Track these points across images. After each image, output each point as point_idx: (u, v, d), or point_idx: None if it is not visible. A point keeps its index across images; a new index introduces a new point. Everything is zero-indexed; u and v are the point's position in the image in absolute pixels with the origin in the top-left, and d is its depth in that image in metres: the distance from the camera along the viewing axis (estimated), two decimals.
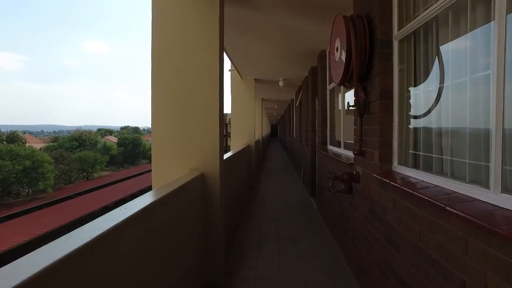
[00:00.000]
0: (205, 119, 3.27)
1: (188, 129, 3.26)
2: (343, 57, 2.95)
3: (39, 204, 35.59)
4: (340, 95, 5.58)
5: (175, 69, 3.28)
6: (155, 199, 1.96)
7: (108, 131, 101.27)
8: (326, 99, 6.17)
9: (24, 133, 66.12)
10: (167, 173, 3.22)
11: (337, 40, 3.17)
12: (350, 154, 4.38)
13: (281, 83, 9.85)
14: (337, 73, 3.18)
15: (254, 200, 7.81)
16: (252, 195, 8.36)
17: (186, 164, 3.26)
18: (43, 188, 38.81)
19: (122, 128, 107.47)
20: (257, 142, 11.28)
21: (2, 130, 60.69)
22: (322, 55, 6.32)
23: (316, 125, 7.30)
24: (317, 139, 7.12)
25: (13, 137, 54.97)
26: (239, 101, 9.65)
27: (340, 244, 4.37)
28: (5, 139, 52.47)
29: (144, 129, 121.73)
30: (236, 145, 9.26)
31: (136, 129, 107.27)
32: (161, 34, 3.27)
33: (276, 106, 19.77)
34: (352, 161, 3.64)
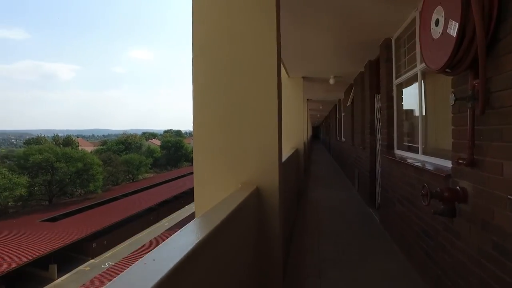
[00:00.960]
0: (260, 122, 2.59)
1: (240, 135, 2.59)
2: (453, 31, 2.13)
3: (90, 204, 37.44)
4: (410, 89, 4.68)
5: (221, 65, 2.64)
6: (200, 238, 1.30)
7: (152, 135, 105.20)
8: (393, 96, 5.26)
9: (77, 137, 70.36)
10: (213, 189, 2.58)
11: (438, 9, 2.35)
12: (435, 161, 3.49)
13: (331, 81, 9.00)
14: (438, 54, 2.36)
15: (305, 210, 7.04)
16: (302, 204, 7.59)
17: (237, 176, 2.60)
18: (93, 189, 40.79)
19: (165, 132, 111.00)
20: (303, 145, 10.50)
21: (60, 134, 65.00)
22: (387, 45, 5.42)
23: (378, 126, 6.39)
24: (380, 142, 6.20)
25: (68, 141, 58.60)
26: (286, 102, 8.93)
27: (424, 275, 3.48)
28: (61, 143, 55.98)
29: (186, 132, 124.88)
30: (284, 149, 8.54)
31: (178, 133, 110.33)
32: (203, 24, 2.64)
33: (321, 107, 18.79)
34: (449, 173, 2.78)
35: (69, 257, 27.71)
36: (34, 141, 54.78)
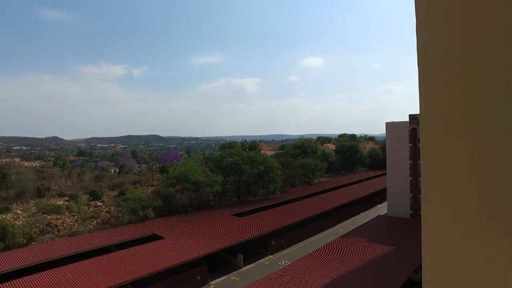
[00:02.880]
0: None
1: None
2: None
3: (270, 204, 40.74)
4: None
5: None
6: None
7: (327, 139, 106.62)
8: None
9: (260, 142, 78.69)
10: (466, 259, 1.21)
11: None
12: None
13: None
14: None
15: None
16: None
17: None
18: (272, 190, 44.28)
19: (340, 136, 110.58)
20: None
21: (247, 139, 74.33)
22: None
23: None
24: None
25: (253, 145, 66.02)
26: None
27: None
28: (247, 147, 63.67)
29: (361, 136, 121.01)
30: None
31: (353, 137, 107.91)
32: None
33: None
34: None
35: (251, 249, 30.77)
36: (227, 146, 64.50)
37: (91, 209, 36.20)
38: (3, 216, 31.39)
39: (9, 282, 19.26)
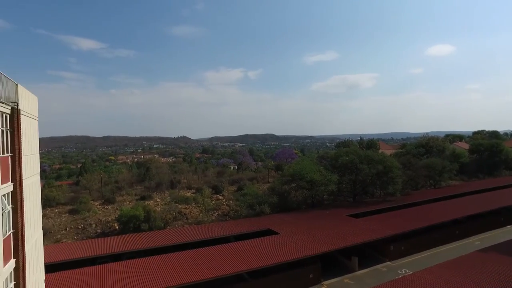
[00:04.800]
0: None
1: None
2: None
3: (389, 206, 37.75)
4: None
5: None
6: None
7: (458, 137, 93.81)
8: None
9: (378, 140, 73.83)
10: None
11: None
12: None
13: None
14: None
15: None
16: None
17: None
18: (392, 192, 40.84)
19: (475, 133, 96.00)
20: None
21: (364, 138, 70.75)
22: None
23: None
24: None
25: (371, 143, 62.38)
26: None
27: None
28: (364, 146, 60.51)
29: (505, 133, 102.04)
30: None
31: (493, 134, 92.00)
32: None
33: None
34: None
35: (367, 253, 29.00)
36: (343, 144, 62.42)
37: (213, 202, 39.79)
38: (147, 202, 37.30)
39: (155, 256, 22.87)
